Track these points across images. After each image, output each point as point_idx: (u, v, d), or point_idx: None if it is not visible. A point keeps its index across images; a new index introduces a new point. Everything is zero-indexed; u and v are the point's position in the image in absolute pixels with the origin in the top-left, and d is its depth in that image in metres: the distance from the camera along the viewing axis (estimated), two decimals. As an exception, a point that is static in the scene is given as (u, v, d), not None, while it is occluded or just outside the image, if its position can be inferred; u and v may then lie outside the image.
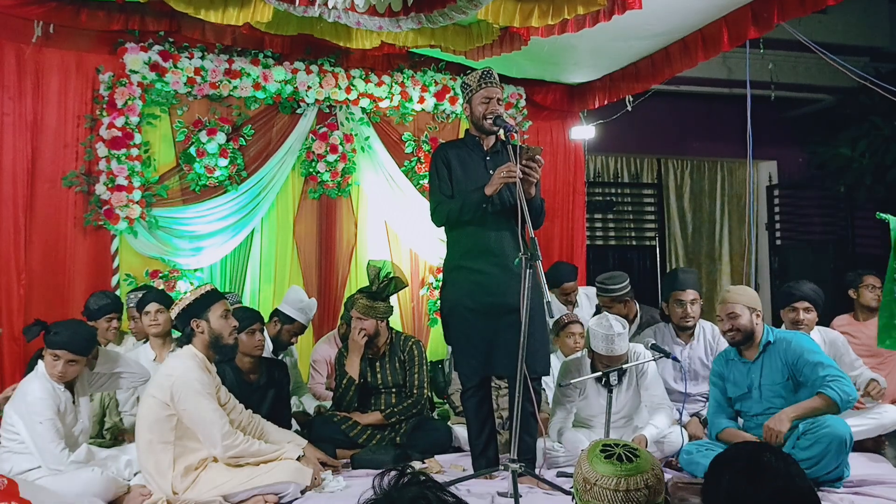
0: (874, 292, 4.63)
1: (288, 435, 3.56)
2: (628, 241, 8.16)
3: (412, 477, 1.32)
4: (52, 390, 3.22)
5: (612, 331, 3.53)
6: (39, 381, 3.22)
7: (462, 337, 3.47)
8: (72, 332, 3.25)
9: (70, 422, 3.31)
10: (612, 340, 3.53)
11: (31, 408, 3.17)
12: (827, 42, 4.91)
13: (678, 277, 4.34)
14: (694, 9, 4.41)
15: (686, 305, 4.23)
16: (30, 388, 3.22)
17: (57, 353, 3.20)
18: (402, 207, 5.63)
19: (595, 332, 3.59)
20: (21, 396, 3.23)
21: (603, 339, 3.55)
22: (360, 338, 4.01)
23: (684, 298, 4.24)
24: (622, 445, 1.69)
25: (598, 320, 3.64)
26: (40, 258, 4.65)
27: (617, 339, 3.53)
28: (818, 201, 8.26)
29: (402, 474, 1.32)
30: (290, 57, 5.23)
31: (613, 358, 3.55)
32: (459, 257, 3.47)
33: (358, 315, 4.05)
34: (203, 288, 3.36)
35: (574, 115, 6.24)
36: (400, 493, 1.29)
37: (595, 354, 3.63)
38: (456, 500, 1.31)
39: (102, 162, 4.76)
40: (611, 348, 3.54)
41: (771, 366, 3.44)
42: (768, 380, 3.43)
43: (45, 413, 3.16)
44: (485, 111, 3.45)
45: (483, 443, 3.50)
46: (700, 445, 3.55)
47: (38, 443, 3.15)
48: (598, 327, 3.59)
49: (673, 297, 4.28)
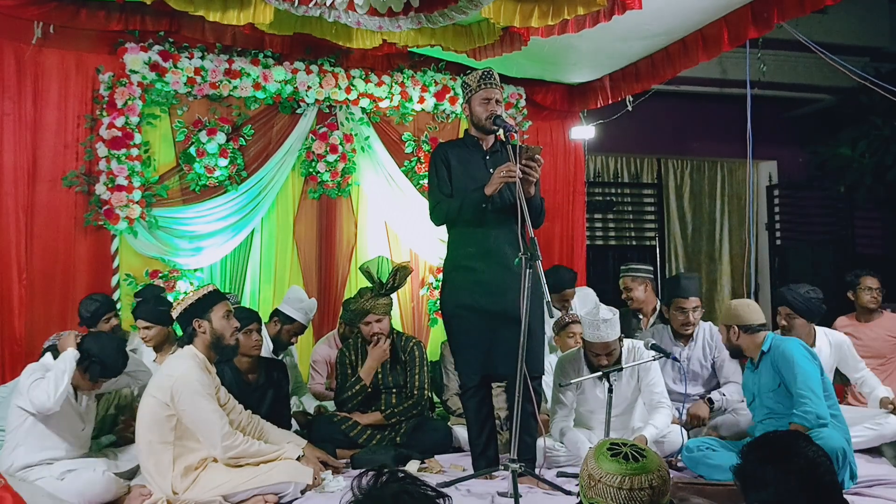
0: (870, 293, 4.63)
1: (288, 435, 3.57)
2: (628, 241, 8.16)
3: (391, 475, 1.32)
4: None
5: (598, 317, 3.54)
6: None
7: (462, 337, 3.47)
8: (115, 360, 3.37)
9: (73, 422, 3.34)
10: (597, 326, 3.53)
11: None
12: (827, 42, 4.92)
13: (681, 284, 4.34)
14: (694, 9, 4.41)
15: (688, 313, 4.23)
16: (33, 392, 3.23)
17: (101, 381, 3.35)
18: (402, 207, 5.63)
19: (584, 320, 3.62)
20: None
21: (590, 326, 3.57)
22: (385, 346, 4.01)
23: (686, 306, 4.24)
24: (630, 445, 1.71)
25: (589, 310, 3.66)
26: (41, 258, 4.65)
27: (602, 325, 3.53)
28: (818, 201, 8.27)
29: (381, 473, 1.33)
30: (290, 57, 5.22)
31: (604, 345, 3.55)
32: (459, 257, 3.47)
33: (377, 317, 4.03)
34: (205, 288, 3.37)
35: (574, 115, 6.24)
36: (381, 492, 1.29)
37: (586, 343, 3.64)
38: (437, 493, 1.32)
39: (102, 162, 4.75)
40: (599, 335, 3.54)
41: (766, 373, 3.47)
42: (765, 387, 3.46)
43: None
44: (484, 111, 3.45)
45: (483, 443, 3.50)
46: (702, 443, 3.56)
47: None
48: (587, 315, 3.62)
49: (675, 303, 4.29)
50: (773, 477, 1.70)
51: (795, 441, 1.79)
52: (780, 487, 1.69)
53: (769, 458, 1.74)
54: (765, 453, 1.77)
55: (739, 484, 1.81)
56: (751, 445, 1.84)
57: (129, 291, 4.80)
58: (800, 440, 1.80)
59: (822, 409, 3.23)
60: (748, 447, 1.84)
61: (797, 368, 3.30)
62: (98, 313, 4.13)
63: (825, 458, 1.74)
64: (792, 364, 3.32)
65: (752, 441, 1.87)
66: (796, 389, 3.26)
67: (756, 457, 1.78)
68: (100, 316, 4.13)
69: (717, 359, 4.23)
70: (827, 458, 1.75)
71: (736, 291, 8.04)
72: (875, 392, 3.98)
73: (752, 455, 1.79)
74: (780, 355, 3.38)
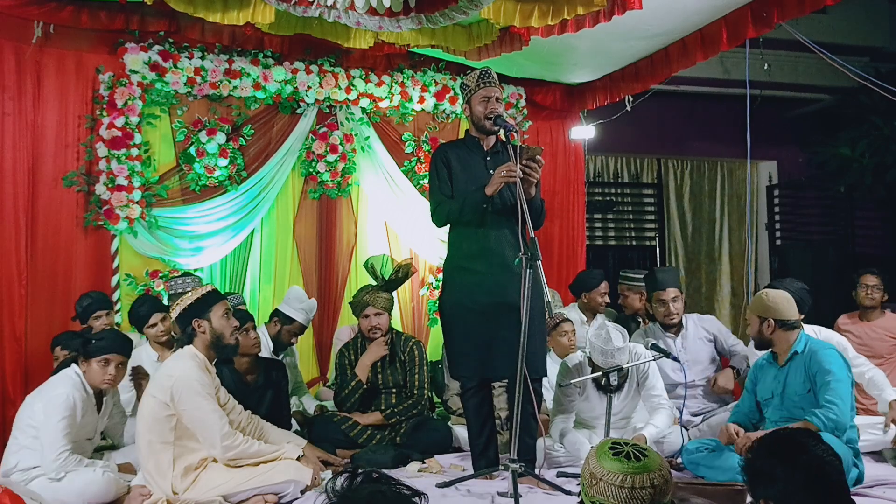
0: (866, 290, 4.65)
1: (287, 435, 3.57)
2: (628, 241, 8.16)
3: (365, 476, 1.33)
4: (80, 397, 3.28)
5: (610, 345, 3.52)
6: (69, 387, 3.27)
7: (462, 337, 3.46)
8: (114, 335, 3.44)
9: (89, 430, 3.36)
10: (611, 355, 3.53)
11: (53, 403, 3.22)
12: (827, 42, 4.91)
13: (657, 278, 4.39)
14: (693, 9, 4.41)
15: (668, 304, 4.28)
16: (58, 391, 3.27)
17: (108, 358, 3.33)
18: (402, 207, 5.62)
19: (594, 346, 3.58)
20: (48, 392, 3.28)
21: (602, 353, 3.54)
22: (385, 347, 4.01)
23: (665, 297, 4.29)
24: (632, 445, 1.72)
25: (597, 332, 3.62)
26: (41, 258, 4.64)
27: (617, 353, 3.53)
28: (818, 201, 8.27)
29: (356, 474, 1.33)
30: (290, 57, 5.22)
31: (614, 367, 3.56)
32: (460, 258, 3.47)
33: (376, 311, 4.03)
34: (204, 288, 3.37)
35: (574, 115, 6.24)
36: (355, 493, 1.30)
37: (595, 367, 3.63)
38: (413, 492, 1.32)
39: (102, 162, 4.75)
40: (610, 362, 3.54)
41: (795, 375, 3.39)
42: (791, 389, 3.39)
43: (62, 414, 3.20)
44: (484, 110, 3.44)
45: (483, 443, 3.49)
46: (701, 444, 3.56)
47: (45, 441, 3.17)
48: (596, 339, 3.57)
49: (655, 297, 4.35)
50: (782, 473, 1.70)
51: (805, 439, 1.80)
52: (788, 484, 1.69)
53: (778, 455, 1.75)
54: (774, 450, 1.77)
55: (747, 479, 1.82)
56: (760, 441, 1.85)
57: (129, 291, 4.81)
58: (810, 438, 1.81)
59: (844, 420, 3.19)
60: (758, 443, 1.85)
61: (832, 377, 3.24)
62: (89, 309, 4.14)
63: (834, 456, 1.75)
64: (828, 373, 3.26)
65: (762, 437, 1.88)
66: (826, 396, 3.21)
67: (765, 453, 1.79)
68: (91, 312, 4.13)
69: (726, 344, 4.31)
70: (836, 457, 1.75)
71: (736, 291, 8.04)
72: (884, 394, 3.96)
73: (761, 451, 1.80)
74: (817, 361, 3.31)
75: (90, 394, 3.36)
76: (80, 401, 3.27)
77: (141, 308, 4.10)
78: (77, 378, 3.32)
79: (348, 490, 1.30)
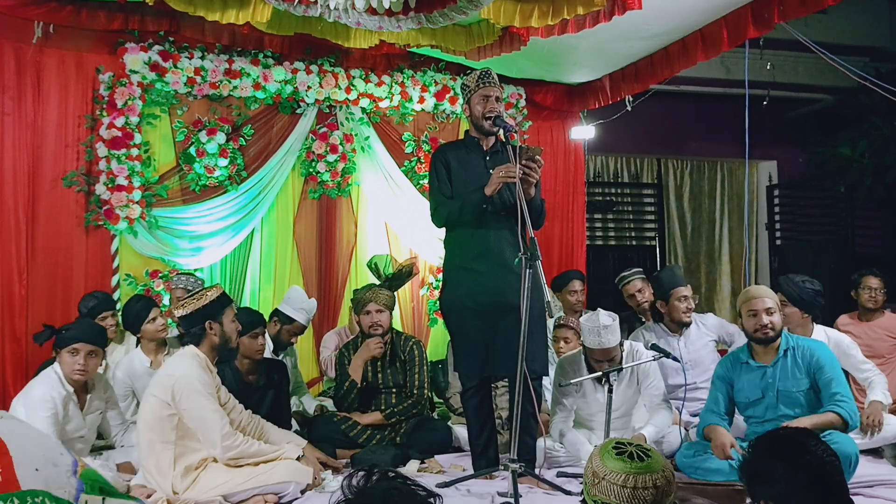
0: (869, 293, 4.64)
1: (288, 435, 3.56)
2: (628, 241, 8.16)
3: (382, 474, 1.33)
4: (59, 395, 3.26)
5: (598, 323, 3.54)
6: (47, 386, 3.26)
7: (462, 337, 3.47)
8: (83, 325, 3.43)
9: (77, 428, 3.34)
10: (599, 333, 3.53)
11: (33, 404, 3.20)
12: (827, 42, 4.91)
13: (675, 274, 4.45)
14: (694, 9, 4.41)
15: (689, 300, 4.35)
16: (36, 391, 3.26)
17: (76, 348, 3.30)
18: (402, 207, 5.63)
19: (585, 327, 3.62)
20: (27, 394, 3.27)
21: (591, 333, 3.57)
22: (377, 346, 4.01)
23: (687, 293, 4.36)
24: (636, 445, 1.72)
25: (588, 316, 3.66)
26: (41, 258, 4.65)
27: (604, 331, 3.53)
28: (818, 201, 8.27)
29: (372, 472, 1.33)
30: (289, 57, 5.22)
31: (605, 351, 3.56)
32: (459, 258, 3.47)
33: (377, 307, 4.03)
34: (214, 290, 3.32)
35: (574, 115, 6.24)
36: (371, 491, 1.30)
37: (587, 349, 3.64)
38: (428, 493, 1.32)
39: (102, 162, 4.75)
40: (599, 341, 3.54)
41: (790, 372, 3.38)
42: (786, 386, 3.38)
43: (43, 413, 3.19)
44: (483, 109, 3.45)
45: (483, 443, 3.50)
46: (695, 447, 3.54)
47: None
48: (587, 322, 3.61)
49: (674, 294, 4.33)
50: (782, 473, 1.70)
51: (806, 438, 1.80)
52: (789, 484, 1.69)
53: (779, 454, 1.75)
54: (774, 449, 1.77)
55: (745, 479, 1.81)
56: (760, 440, 1.85)
57: (129, 291, 4.81)
58: (810, 438, 1.81)
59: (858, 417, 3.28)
60: (758, 442, 1.85)
61: (834, 373, 3.32)
62: (96, 310, 4.13)
63: (834, 457, 1.74)
64: (832, 368, 3.33)
65: (762, 436, 1.87)
66: (835, 389, 3.26)
67: (765, 452, 1.78)
68: (96, 313, 4.12)
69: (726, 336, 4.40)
70: (836, 457, 1.75)
71: (736, 291, 8.04)
72: (870, 396, 3.97)
73: (761, 450, 1.80)
74: (817, 358, 3.35)
75: (70, 391, 3.34)
76: (59, 399, 3.26)
77: (136, 305, 4.10)
78: (55, 376, 3.31)
79: (365, 487, 1.31)
